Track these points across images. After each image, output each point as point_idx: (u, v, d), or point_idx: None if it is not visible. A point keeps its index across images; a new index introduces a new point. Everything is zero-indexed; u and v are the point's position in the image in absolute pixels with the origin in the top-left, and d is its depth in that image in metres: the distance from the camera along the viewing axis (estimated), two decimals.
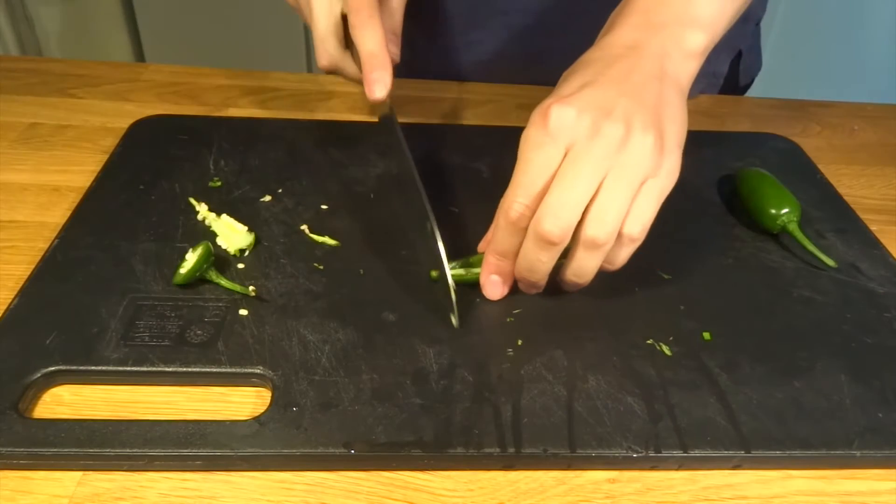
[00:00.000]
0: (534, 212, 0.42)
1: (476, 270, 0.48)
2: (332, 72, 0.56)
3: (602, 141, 0.41)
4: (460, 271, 0.48)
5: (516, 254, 0.45)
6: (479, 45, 0.74)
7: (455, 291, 0.45)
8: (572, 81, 0.45)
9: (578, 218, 0.41)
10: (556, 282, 0.46)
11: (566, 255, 0.44)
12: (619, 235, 0.42)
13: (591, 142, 0.41)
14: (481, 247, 0.50)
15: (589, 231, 0.41)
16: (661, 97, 0.44)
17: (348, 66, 0.55)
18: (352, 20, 0.51)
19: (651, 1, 0.48)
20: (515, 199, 0.43)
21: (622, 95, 0.43)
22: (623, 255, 0.44)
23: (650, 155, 0.42)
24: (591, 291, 0.47)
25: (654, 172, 0.42)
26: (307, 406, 0.39)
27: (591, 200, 0.41)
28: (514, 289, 0.48)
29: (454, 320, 0.45)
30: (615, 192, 0.41)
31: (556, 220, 0.41)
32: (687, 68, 0.47)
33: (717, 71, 0.79)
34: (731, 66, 0.80)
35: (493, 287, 0.47)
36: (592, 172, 0.41)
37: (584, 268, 0.44)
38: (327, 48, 0.54)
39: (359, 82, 0.53)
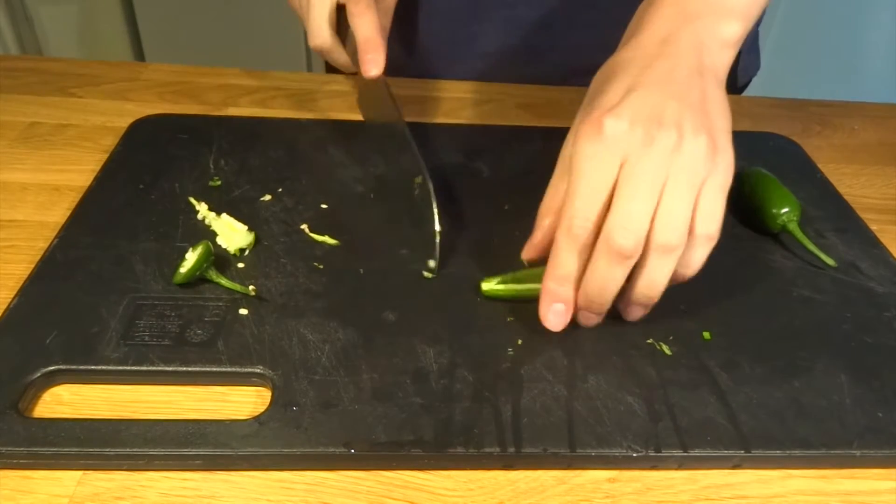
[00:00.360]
0: (598, 227, 0.41)
1: (531, 286, 0.46)
2: (321, 52, 0.60)
3: (657, 149, 0.41)
4: (513, 286, 0.47)
5: (579, 278, 0.43)
6: (483, 37, 0.74)
7: (440, 234, 0.45)
8: (614, 87, 0.44)
9: (648, 227, 0.40)
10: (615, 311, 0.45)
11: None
12: (693, 236, 0.42)
13: (647, 150, 0.40)
14: (526, 253, 0.47)
15: (660, 237, 0.40)
16: (704, 93, 0.43)
17: (337, 52, 0.60)
18: (350, 9, 0.56)
19: None
20: (576, 216, 0.41)
21: (669, 98, 0.42)
22: (699, 257, 0.43)
23: (705, 156, 0.41)
24: None
25: (711, 172, 0.42)
26: (307, 405, 0.39)
27: (656, 209, 0.41)
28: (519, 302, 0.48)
29: (432, 265, 0.44)
30: (678, 195, 0.41)
31: (627, 233, 0.40)
32: (723, 58, 0.46)
33: None
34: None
35: (558, 317, 0.44)
36: (653, 180, 0.40)
37: (656, 279, 0.42)
38: (322, 32, 0.59)
39: (345, 68, 0.60)
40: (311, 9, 0.58)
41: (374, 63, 0.56)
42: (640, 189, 0.40)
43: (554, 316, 0.44)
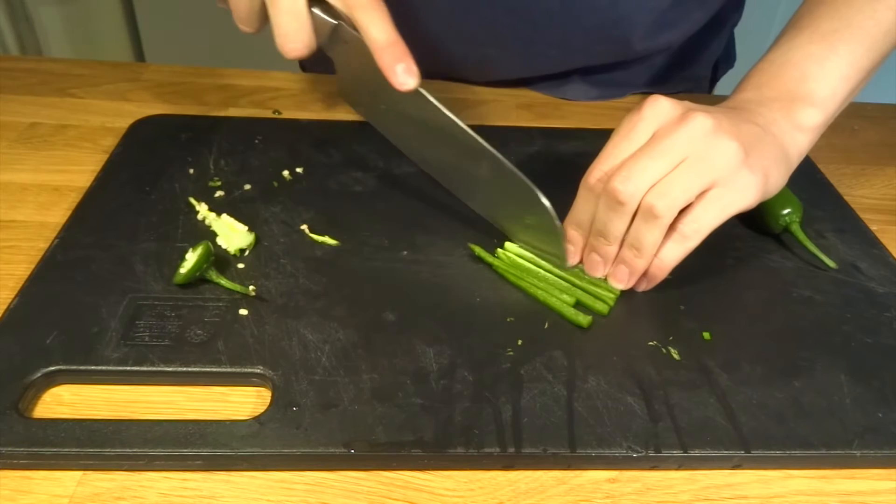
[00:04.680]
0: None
1: (543, 270, 0.49)
2: (297, 58, 0.49)
3: (688, 128, 0.44)
4: (529, 260, 0.50)
5: (590, 226, 0.47)
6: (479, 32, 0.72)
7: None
8: None
9: (648, 185, 0.43)
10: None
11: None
12: (673, 229, 0.44)
13: (678, 125, 0.44)
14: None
15: (649, 198, 0.43)
16: (758, 137, 0.46)
17: (312, 53, 0.50)
18: (357, 2, 0.46)
19: (763, 77, 0.51)
20: (596, 169, 0.46)
21: (721, 112, 0.45)
22: (670, 252, 0.45)
23: (729, 159, 0.44)
24: None
25: (727, 178, 0.44)
26: (307, 406, 0.39)
27: (661, 178, 0.43)
28: (510, 291, 0.48)
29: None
30: (684, 175, 0.43)
31: (625, 181, 0.43)
32: (795, 139, 0.49)
33: (700, 75, 0.80)
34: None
35: (567, 256, 0.49)
36: (671, 151, 0.43)
37: (640, 239, 0.45)
38: (301, 35, 0.48)
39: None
40: (275, 2, 0.47)
41: (409, 72, 0.46)
42: (655, 152, 0.43)
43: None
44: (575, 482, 0.38)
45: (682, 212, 0.44)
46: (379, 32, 0.46)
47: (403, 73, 0.46)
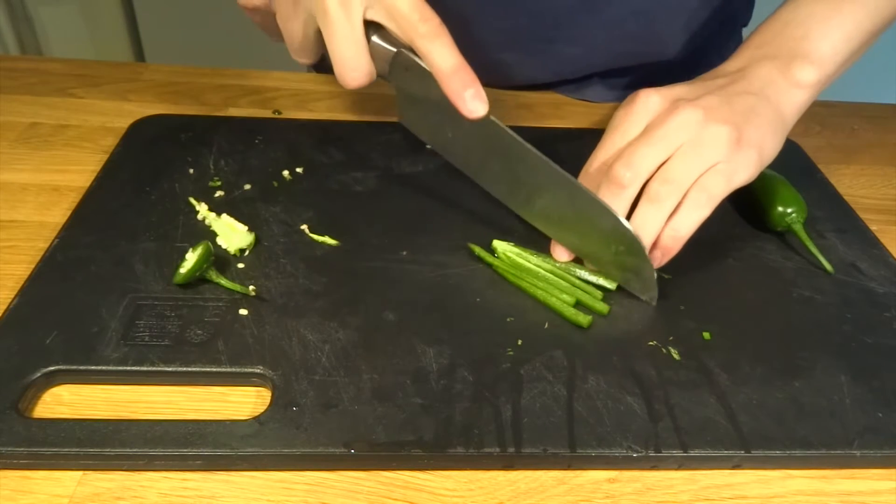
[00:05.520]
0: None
1: (534, 265, 0.49)
2: (359, 86, 0.48)
3: (678, 118, 0.45)
4: (520, 256, 0.50)
5: None
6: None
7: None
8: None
9: (648, 170, 0.45)
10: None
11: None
12: (686, 198, 0.45)
13: (669, 116, 0.45)
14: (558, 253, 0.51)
15: (654, 187, 0.44)
16: (751, 107, 0.47)
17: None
18: (419, 30, 0.45)
19: (767, 35, 0.52)
20: (595, 161, 0.48)
21: (710, 93, 0.47)
22: (685, 222, 0.45)
23: (724, 143, 0.45)
24: None
25: (728, 159, 0.45)
26: (307, 406, 0.39)
27: (662, 163, 0.45)
28: (510, 292, 0.48)
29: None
30: (684, 158, 0.45)
31: (625, 166, 0.45)
32: (791, 97, 0.49)
33: None
34: None
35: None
36: (665, 139, 0.45)
37: (644, 220, 0.45)
38: (361, 62, 0.46)
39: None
40: (333, 32, 0.45)
41: (478, 98, 0.45)
42: (652, 139, 0.45)
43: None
44: (575, 482, 0.38)
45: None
46: (444, 59, 0.45)
47: (473, 100, 0.45)
